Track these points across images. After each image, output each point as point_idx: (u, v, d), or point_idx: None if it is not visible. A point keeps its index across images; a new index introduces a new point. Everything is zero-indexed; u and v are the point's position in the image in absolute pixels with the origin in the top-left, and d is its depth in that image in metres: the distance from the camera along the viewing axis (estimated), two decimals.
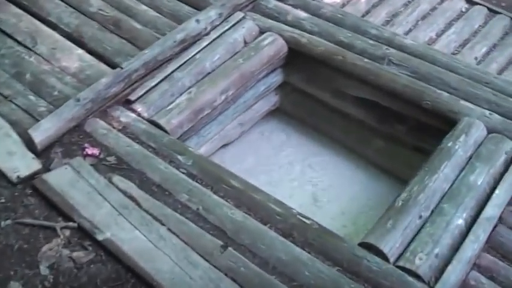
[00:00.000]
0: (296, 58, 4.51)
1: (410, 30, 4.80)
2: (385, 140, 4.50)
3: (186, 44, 4.33)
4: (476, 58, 4.57)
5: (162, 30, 4.47)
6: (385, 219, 3.39)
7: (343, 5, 4.94)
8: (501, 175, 3.69)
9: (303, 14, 4.65)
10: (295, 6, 4.73)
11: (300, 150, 4.71)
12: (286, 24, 4.59)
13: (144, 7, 4.71)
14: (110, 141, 3.78)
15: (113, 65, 4.21)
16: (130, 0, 4.76)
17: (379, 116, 4.40)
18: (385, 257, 3.22)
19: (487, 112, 3.97)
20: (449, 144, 3.76)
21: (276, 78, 4.64)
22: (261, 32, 4.54)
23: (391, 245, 3.27)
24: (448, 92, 4.08)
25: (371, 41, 4.41)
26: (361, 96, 4.37)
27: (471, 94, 4.06)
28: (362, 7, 4.93)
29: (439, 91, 4.08)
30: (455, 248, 3.28)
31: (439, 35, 4.79)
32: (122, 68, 4.04)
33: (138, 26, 4.53)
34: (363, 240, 3.35)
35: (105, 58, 4.31)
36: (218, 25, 4.50)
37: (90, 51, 4.37)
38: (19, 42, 4.39)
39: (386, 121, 4.39)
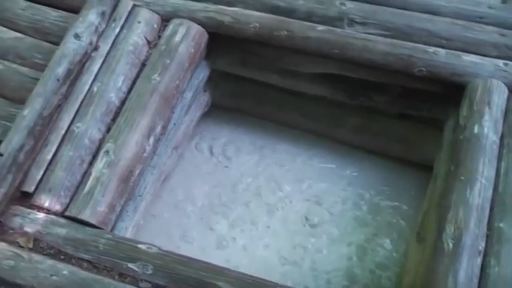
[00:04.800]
0: (221, 41, 3.08)
1: None
2: (361, 115, 3.26)
3: (73, 76, 2.81)
4: None
5: (30, 60, 2.95)
6: (443, 275, 2.29)
7: None
8: None
9: None
10: None
11: (260, 156, 3.38)
12: (193, 0, 3.09)
13: None
14: (25, 276, 2.38)
15: None
16: None
17: (351, 91, 3.12)
18: None
19: (500, 62, 2.79)
20: (475, 130, 2.61)
21: (202, 74, 3.20)
22: (164, 21, 3.05)
23: None
24: (442, 47, 2.85)
25: None
26: (322, 72, 3.06)
27: (471, 42, 2.85)
28: None
29: (430, 49, 2.83)
30: None
31: None
32: (1, 155, 2.54)
33: None
34: None
35: None
36: (105, 29, 2.97)
37: None
38: None
39: (361, 95, 3.12)
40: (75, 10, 3.03)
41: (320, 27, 2.92)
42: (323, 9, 2.97)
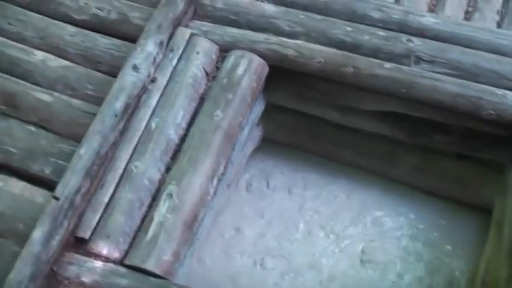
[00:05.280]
0: (281, 74, 2.88)
1: None
2: (419, 154, 3.10)
3: (130, 111, 2.60)
4: (498, 12, 3.13)
5: (81, 91, 2.70)
6: None
7: None
8: None
9: (269, 8, 2.93)
10: None
11: (313, 194, 3.19)
12: (252, 30, 2.88)
13: (39, 54, 2.83)
14: None
15: (28, 178, 2.49)
16: (16, 50, 2.84)
17: (412, 129, 2.97)
18: None
19: None
20: None
21: (259, 108, 2.99)
22: (223, 51, 2.85)
23: None
24: (510, 89, 2.69)
25: (381, 32, 2.84)
26: (384, 110, 2.89)
27: None
28: None
29: (499, 91, 2.67)
30: None
31: None
32: (57, 199, 2.30)
33: (43, 95, 2.67)
34: None
35: (12, 169, 2.53)
36: (162, 59, 2.75)
37: None
38: None
39: (422, 134, 2.97)
40: (128, 37, 2.83)
41: (387, 65, 2.73)
42: (389, 45, 2.78)
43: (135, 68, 2.61)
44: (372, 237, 3.03)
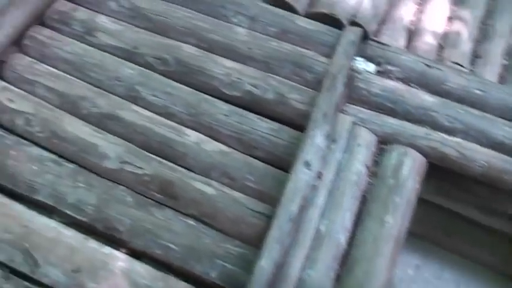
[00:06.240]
0: (433, 171, 2.70)
1: None
2: None
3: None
4: None
5: (240, 181, 2.44)
6: None
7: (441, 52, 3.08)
8: None
9: (427, 98, 2.75)
10: (405, 81, 2.80)
11: None
12: (409, 121, 2.69)
13: (192, 134, 2.54)
14: None
15: (188, 278, 2.24)
16: (166, 129, 2.54)
17: None
18: None
19: None
20: None
21: None
22: (381, 143, 2.65)
23: None
24: None
25: None
26: None
27: None
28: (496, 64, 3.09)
29: None
30: None
31: None
32: None
33: (204, 186, 2.39)
34: None
35: (172, 267, 2.27)
36: (327, 152, 2.53)
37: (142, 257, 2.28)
38: None
39: None
40: (284, 120, 2.59)
41: None
42: None
43: (307, 164, 2.38)
44: None
